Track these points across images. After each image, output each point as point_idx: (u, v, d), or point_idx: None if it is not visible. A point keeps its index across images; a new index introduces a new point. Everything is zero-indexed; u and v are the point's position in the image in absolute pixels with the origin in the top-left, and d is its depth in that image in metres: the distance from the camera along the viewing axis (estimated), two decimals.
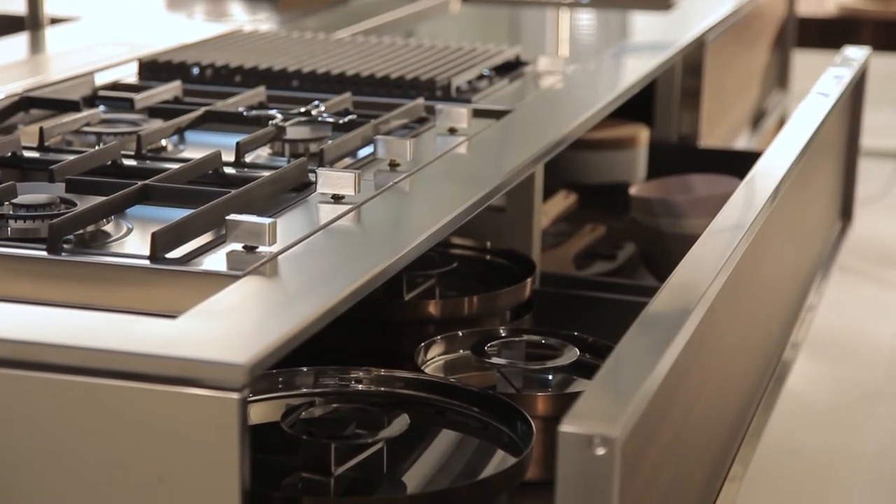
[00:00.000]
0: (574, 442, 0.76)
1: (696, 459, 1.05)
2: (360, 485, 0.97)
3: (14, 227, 1.02)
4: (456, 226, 1.10)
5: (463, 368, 1.22)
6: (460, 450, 1.04)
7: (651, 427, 0.87)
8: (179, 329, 0.85)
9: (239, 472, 0.80)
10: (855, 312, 2.73)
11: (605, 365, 0.86)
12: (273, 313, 0.90)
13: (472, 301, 1.28)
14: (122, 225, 1.06)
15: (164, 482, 0.81)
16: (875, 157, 3.45)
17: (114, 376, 0.81)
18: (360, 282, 0.94)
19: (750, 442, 1.27)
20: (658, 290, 0.99)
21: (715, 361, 1.09)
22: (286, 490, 0.95)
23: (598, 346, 1.22)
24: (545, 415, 1.11)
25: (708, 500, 1.13)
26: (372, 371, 1.09)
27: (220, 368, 0.80)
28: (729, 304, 1.12)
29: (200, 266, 0.97)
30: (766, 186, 1.27)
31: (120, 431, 0.82)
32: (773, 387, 1.40)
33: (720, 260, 1.06)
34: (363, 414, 1.01)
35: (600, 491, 0.76)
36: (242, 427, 0.80)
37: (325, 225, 1.06)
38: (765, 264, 1.30)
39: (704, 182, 1.72)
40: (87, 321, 0.88)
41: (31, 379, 0.83)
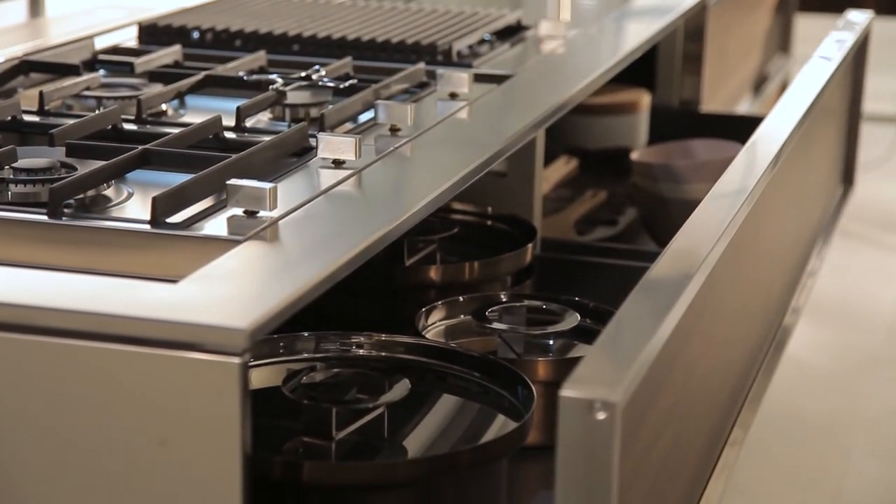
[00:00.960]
0: (575, 406, 0.76)
1: (696, 424, 1.06)
2: (361, 449, 0.97)
3: (14, 191, 1.02)
4: (457, 191, 1.09)
5: (464, 334, 1.22)
6: (461, 414, 1.04)
7: (652, 392, 0.87)
8: (180, 293, 0.85)
9: (240, 436, 0.81)
10: (856, 277, 2.73)
11: (606, 330, 0.86)
12: (274, 278, 0.90)
13: (473, 266, 1.28)
14: (123, 189, 1.06)
15: (166, 445, 0.82)
16: (877, 121, 3.44)
17: (115, 340, 0.81)
18: (360, 247, 0.94)
19: (750, 407, 1.27)
20: (659, 256, 0.99)
21: (716, 326, 1.09)
22: (287, 454, 0.96)
23: (598, 312, 1.22)
24: (546, 380, 1.11)
25: (708, 465, 1.13)
26: (373, 336, 1.09)
27: (221, 333, 0.80)
28: (730, 270, 1.12)
29: (201, 231, 0.97)
30: (767, 151, 1.26)
31: (121, 395, 0.82)
32: (773, 352, 1.40)
33: (721, 225, 1.06)
34: (364, 379, 1.01)
35: (601, 455, 0.76)
36: (243, 391, 0.80)
37: (326, 190, 1.06)
38: (766, 229, 1.30)
39: (706, 147, 1.72)
40: (87, 285, 0.88)
41: (31, 343, 0.83)
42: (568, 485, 0.77)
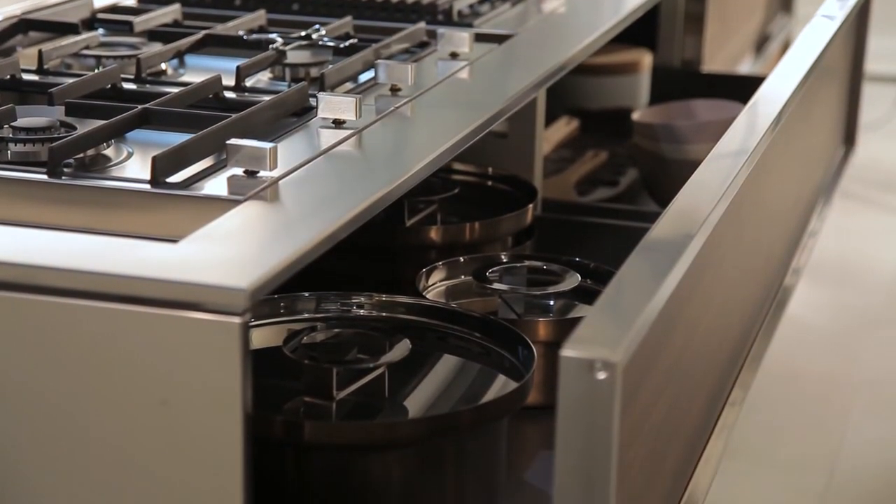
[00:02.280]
0: (575, 366, 0.76)
1: (696, 384, 1.06)
2: (362, 409, 0.97)
3: (14, 150, 1.02)
4: (457, 151, 1.09)
5: (464, 294, 1.22)
6: (462, 375, 1.04)
7: (652, 352, 0.87)
8: (180, 253, 0.85)
9: (241, 395, 0.81)
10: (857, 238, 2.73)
11: (607, 290, 0.86)
12: (274, 238, 0.90)
13: (474, 227, 1.28)
14: (123, 149, 1.06)
15: (167, 405, 0.82)
16: (879, 82, 3.43)
17: (115, 300, 0.81)
18: (361, 207, 0.94)
19: (750, 367, 1.28)
20: (660, 216, 0.99)
21: (716, 287, 1.09)
22: (288, 414, 0.96)
23: (599, 272, 1.22)
24: (546, 340, 1.11)
25: (708, 425, 1.13)
26: (373, 296, 1.09)
27: (222, 293, 0.80)
28: (731, 230, 1.12)
29: (201, 190, 0.96)
30: (769, 112, 1.26)
31: (122, 355, 0.82)
32: (773, 312, 1.40)
33: (722, 185, 1.05)
34: (365, 339, 1.01)
35: (601, 415, 0.76)
36: (244, 351, 0.80)
37: (326, 150, 1.05)
38: (767, 190, 1.30)
39: (707, 107, 1.72)
40: (88, 245, 0.87)
41: (31, 302, 0.83)
42: (568, 444, 0.77)
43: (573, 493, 0.77)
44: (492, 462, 0.98)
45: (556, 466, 0.77)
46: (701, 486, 1.07)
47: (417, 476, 0.93)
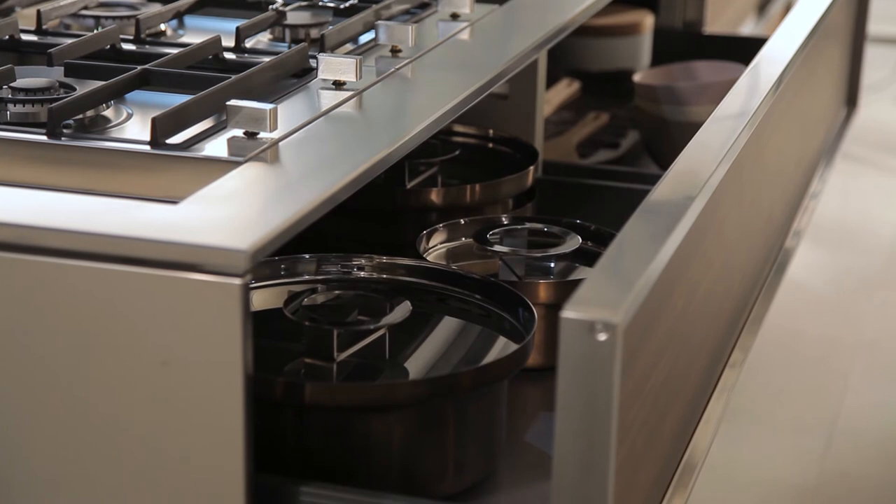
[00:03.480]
0: (576, 328, 0.76)
1: (696, 346, 1.06)
2: (362, 370, 0.97)
3: (13, 110, 1.02)
4: (458, 113, 1.09)
5: (465, 256, 1.22)
6: (462, 336, 1.04)
7: (652, 313, 0.87)
8: (181, 214, 0.85)
9: (242, 356, 0.81)
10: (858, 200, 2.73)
11: (607, 252, 0.86)
12: (274, 199, 0.90)
13: (475, 189, 1.28)
14: (122, 110, 1.05)
15: (168, 366, 0.82)
16: (882, 43, 3.42)
17: (115, 261, 0.81)
18: (361, 169, 0.94)
19: (750, 329, 1.28)
20: (661, 178, 0.99)
21: (717, 249, 1.09)
22: (288, 375, 0.96)
23: (600, 234, 1.22)
24: (547, 302, 1.11)
25: (708, 387, 1.14)
26: (374, 258, 1.09)
27: (222, 254, 0.80)
28: (732, 192, 1.12)
29: (201, 152, 0.96)
30: (770, 73, 1.26)
31: (122, 316, 0.82)
32: (774, 274, 1.40)
33: (723, 147, 1.05)
34: (365, 301, 1.01)
35: (601, 376, 0.76)
36: (245, 312, 0.80)
37: (326, 111, 1.05)
38: (768, 151, 1.30)
39: (709, 69, 1.71)
40: (87, 206, 0.87)
41: (31, 263, 0.83)
42: (568, 406, 0.77)
43: (573, 454, 0.77)
44: (492, 423, 0.98)
45: (557, 428, 0.77)
46: (700, 447, 1.07)
47: (417, 437, 0.93)
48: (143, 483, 0.84)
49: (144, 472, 0.84)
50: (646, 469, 0.91)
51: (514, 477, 0.99)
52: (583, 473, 0.77)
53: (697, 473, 1.04)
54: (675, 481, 1.01)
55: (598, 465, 0.77)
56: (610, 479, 0.77)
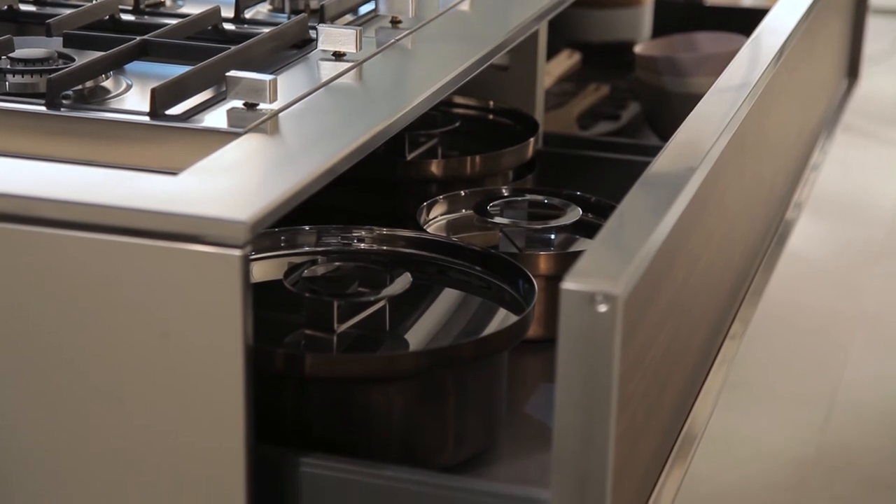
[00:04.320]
0: (576, 299, 0.76)
1: (696, 318, 1.06)
2: (363, 342, 0.97)
3: (12, 81, 1.02)
4: (458, 84, 1.09)
5: (465, 228, 1.22)
6: (462, 308, 1.04)
7: (653, 285, 0.87)
8: (180, 185, 0.85)
9: (242, 328, 0.81)
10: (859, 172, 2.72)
11: (608, 224, 0.86)
12: (274, 171, 0.90)
13: (475, 160, 1.28)
14: (122, 81, 1.05)
15: (167, 338, 0.82)
16: (883, 14, 3.40)
17: (115, 232, 0.81)
18: (361, 140, 0.93)
19: (750, 301, 1.28)
20: (661, 150, 0.98)
21: (717, 221, 1.09)
22: (289, 347, 0.96)
23: (600, 206, 1.22)
24: (547, 273, 1.11)
25: (708, 358, 1.14)
26: (374, 230, 1.09)
27: (222, 225, 0.80)
28: (732, 164, 1.12)
29: (201, 123, 0.96)
30: (772, 44, 1.25)
31: (122, 287, 0.82)
32: (774, 246, 1.40)
33: (724, 118, 1.05)
34: (365, 272, 1.01)
35: (602, 348, 0.76)
36: (245, 284, 0.80)
37: (326, 82, 1.05)
38: (769, 123, 1.30)
39: (710, 40, 1.70)
40: (87, 177, 0.87)
41: (30, 234, 0.83)
42: (569, 377, 0.77)
43: (573, 425, 0.77)
44: (492, 395, 0.98)
45: (557, 399, 0.77)
46: (700, 418, 1.07)
47: (417, 409, 0.93)
48: (143, 454, 0.84)
49: (144, 444, 0.84)
50: (646, 440, 0.91)
51: (514, 448, 1.00)
52: (583, 445, 0.77)
53: (697, 445, 1.04)
54: (675, 453, 1.01)
55: (598, 436, 0.77)
56: (610, 451, 0.77)
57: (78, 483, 0.86)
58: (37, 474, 0.86)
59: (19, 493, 0.87)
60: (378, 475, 0.86)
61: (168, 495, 0.84)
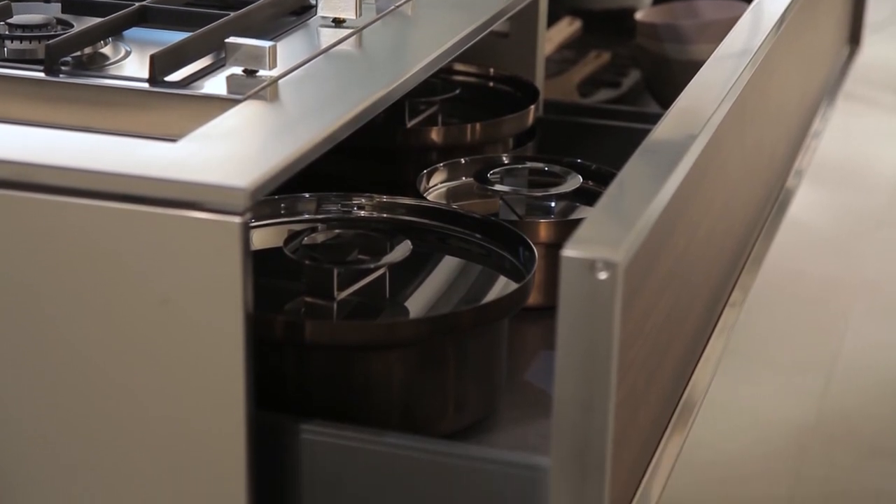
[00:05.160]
0: (576, 266, 0.76)
1: (697, 285, 1.06)
2: (363, 309, 0.97)
3: (10, 47, 1.01)
4: (458, 51, 1.08)
5: (465, 195, 1.22)
6: (462, 276, 1.04)
7: (653, 252, 0.87)
8: (180, 152, 0.85)
9: (242, 295, 0.81)
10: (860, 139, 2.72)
11: (608, 191, 0.86)
12: (274, 138, 0.90)
13: (475, 128, 1.27)
14: (120, 47, 1.05)
15: (168, 305, 0.82)
16: None
17: (114, 199, 0.81)
18: (361, 107, 0.93)
19: (751, 269, 1.28)
20: (662, 117, 0.98)
21: (718, 188, 1.09)
22: (289, 314, 0.96)
23: (601, 174, 1.22)
24: (547, 241, 1.11)
25: (708, 326, 1.14)
26: (374, 197, 1.09)
27: (222, 192, 0.80)
28: (734, 131, 1.11)
29: (200, 89, 0.96)
30: (773, 11, 1.25)
31: (122, 254, 0.82)
32: (775, 214, 1.40)
33: (725, 86, 1.05)
34: (365, 240, 1.01)
35: (602, 315, 0.76)
36: (245, 251, 0.80)
37: (326, 49, 1.04)
38: (770, 90, 1.29)
39: (711, 6, 1.70)
40: (86, 143, 0.87)
41: (29, 200, 0.82)
42: (569, 344, 0.77)
43: (573, 392, 0.77)
44: (492, 362, 0.98)
45: (557, 366, 0.77)
46: (700, 386, 1.07)
47: (418, 376, 0.94)
48: (143, 421, 0.84)
49: (145, 410, 0.84)
50: (645, 408, 0.91)
51: (513, 415, 1.00)
52: (583, 412, 0.77)
53: (696, 412, 1.04)
54: (675, 420, 1.01)
55: (598, 403, 0.77)
56: (610, 418, 0.77)
57: (77, 449, 0.86)
58: (36, 440, 0.86)
59: (17, 457, 0.87)
60: (378, 442, 0.86)
61: (168, 462, 0.85)
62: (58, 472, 0.86)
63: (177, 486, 0.85)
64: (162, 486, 0.85)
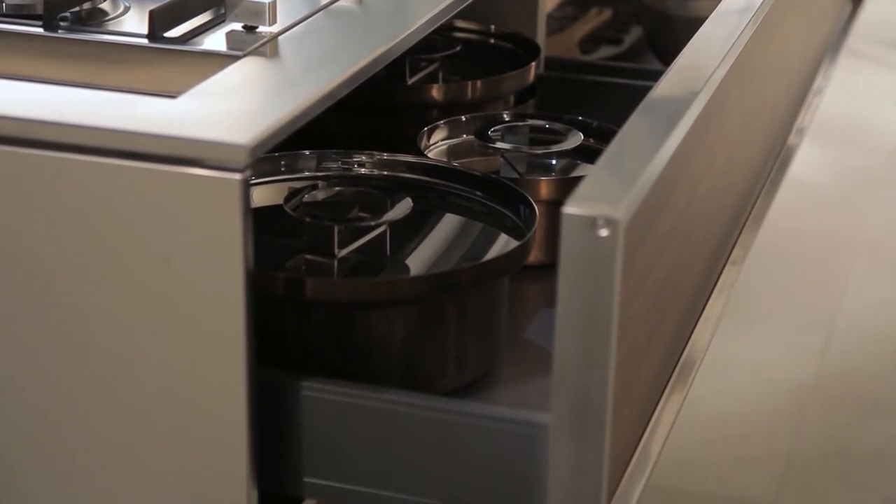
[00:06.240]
0: (577, 223, 0.75)
1: (698, 243, 1.06)
2: (363, 267, 0.97)
3: (8, 2, 1.01)
4: (459, 7, 1.08)
5: (466, 153, 1.21)
6: (463, 233, 1.04)
7: (654, 210, 0.86)
8: (180, 109, 0.84)
9: (242, 252, 0.81)
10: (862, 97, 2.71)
11: (609, 148, 0.85)
12: (274, 94, 0.89)
13: (476, 85, 1.27)
14: (119, 3, 1.04)
15: (168, 262, 0.82)
16: None
17: (114, 155, 0.81)
18: (361, 64, 0.93)
19: (752, 227, 1.27)
20: (664, 74, 0.98)
21: (720, 146, 1.09)
22: (289, 271, 0.96)
23: (602, 131, 1.21)
24: (548, 199, 1.11)
25: (708, 284, 1.14)
26: (375, 155, 1.09)
27: (222, 148, 0.80)
28: (735, 88, 1.11)
29: (200, 46, 0.95)
30: None
31: (123, 211, 0.82)
32: (776, 172, 1.40)
33: (728, 42, 1.04)
34: (366, 197, 1.01)
35: (603, 272, 0.76)
36: (245, 207, 0.80)
37: (327, 5, 1.04)
38: (773, 47, 1.29)
39: None
40: (86, 99, 0.87)
41: (29, 157, 0.82)
42: (569, 302, 0.77)
43: (574, 349, 0.77)
44: (493, 320, 0.98)
45: (557, 324, 0.77)
46: (700, 343, 1.07)
47: (418, 334, 0.94)
48: (144, 378, 0.84)
49: (145, 367, 0.84)
50: (646, 365, 0.91)
51: (514, 373, 1.00)
52: (583, 369, 0.77)
53: (697, 370, 1.05)
54: (675, 378, 1.01)
55: (599, 360, 0.77)
56: (610, 375, 0.77)
57: (77, 407, 0.86)
58: (35, 396, 0.87)
59: (17, 412, 0.87)
60: (379, 398, 0.86)
61: (168, 419, 0.85)
62: (57, 429, 0.87)
63: (178, 443, 0.85)
64: (163, 443, 0.85)
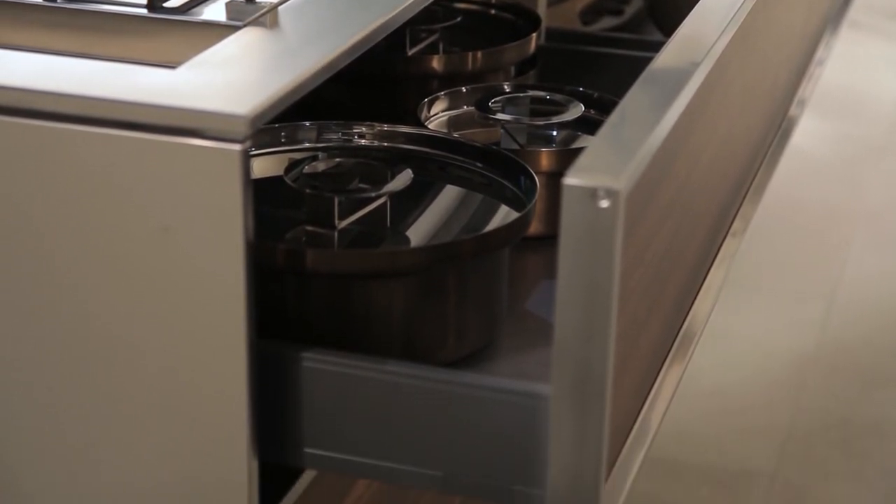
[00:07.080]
0: (578, 195, 0.75)
1: (698, 214, 1.06)
2: (364, 238, 0.97)
3: None
4: None
5: (467, 124, 1.21)
6: (464, 205, 1.04)
7: (655, 181, 0.86)
8: (179, 79, 0.84)
9: (242, 223, 0.81)
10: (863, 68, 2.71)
11: (610, 120, 0.85)
12: (274, 65, 0.89)
13: (476, 56, 1.26)
14: None
15: (169, 232, 0.82)
16: None
17: (114, 126, 0.81)
18: (361, 35, 0.92)
19: (752, 198, 1.27)
20: (665, 44, 0.97)
21: (721, 117, 1.08)
22: (290, 242, 0.96)
23: (603, 102, 1.21)
24: (549, 170, 1.11)
25: (709, 255, 1.14)
26: (375, 126, 1.09)
27: (222, 119, 0.79)
28: (737, 59, 1.11)
29: (199, 16, 0.95)
30: None
31: (123, 182, 0.82)
32: (777, 143, 1.40)
33: (729, 13, 1.04)
34: (366, 168, 1.01)
35: (603, 243, 0.76)
36: (245, 178, 0.80)
37: None
38: (774, 18, 1.28)
39: None
40: (86, 70, 0.86)
41: (29, 127, 0.82)
42: (570, 273, 0.77)
43: (574, 321, 0.77)
44: (493, 291, 0.98)
45: (558, 295, 0.77)
46: (701, 314, 1.07)
47: (419, 305, 0.94)
48: (144, 348, 0.85)
49: (145, 338, 0.84)
50: (646, 336, 0.91)
51: (514, 344, 1.00)
52: (583, 340, 0.78)
53: (697, 341, 1.05)
54: (675, 349, 1.02)
55: (599, 331, 0.77)
56: (610, 346, 0.78)
57: (77, 379, 0.86)
58: (34, 367, 0.87)
59: (17, 386, 0.87)
60: (379, 370, 0.86)
61: (169, 391, 0.85)
62: (58, 399, 0.87)
63: (178, 414, 0.85)
64: (164, 415, 0.85)
